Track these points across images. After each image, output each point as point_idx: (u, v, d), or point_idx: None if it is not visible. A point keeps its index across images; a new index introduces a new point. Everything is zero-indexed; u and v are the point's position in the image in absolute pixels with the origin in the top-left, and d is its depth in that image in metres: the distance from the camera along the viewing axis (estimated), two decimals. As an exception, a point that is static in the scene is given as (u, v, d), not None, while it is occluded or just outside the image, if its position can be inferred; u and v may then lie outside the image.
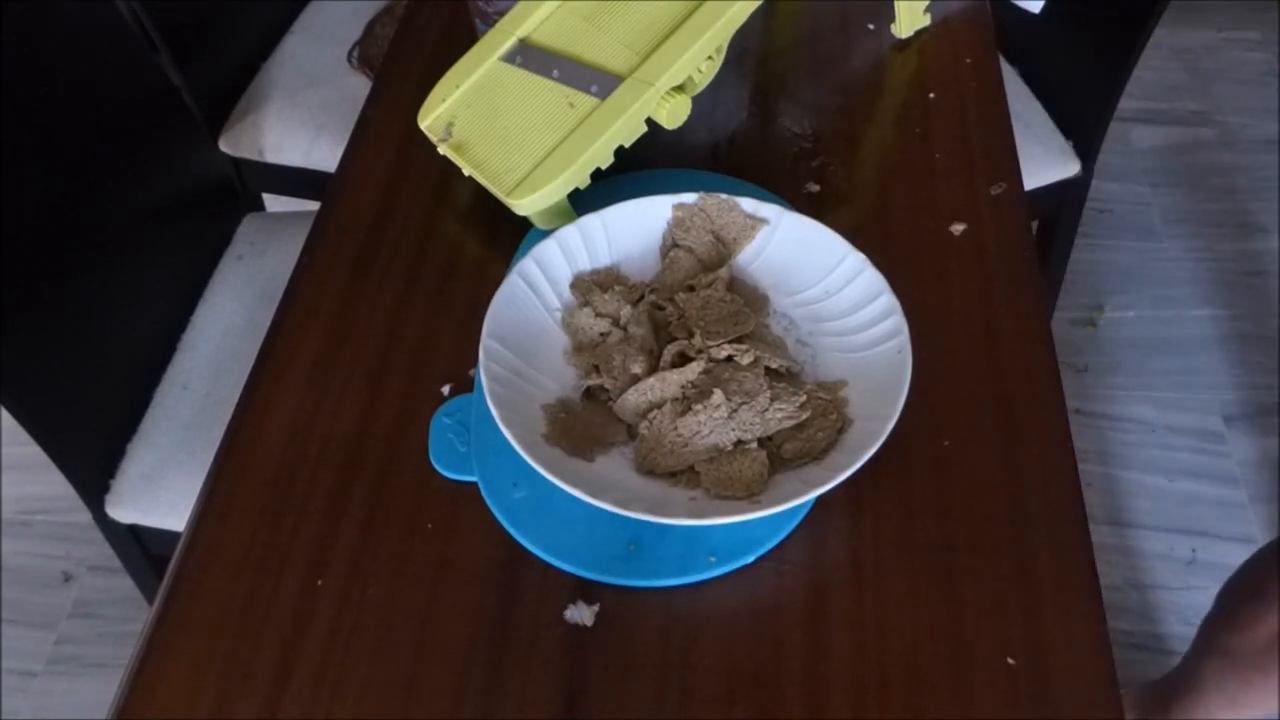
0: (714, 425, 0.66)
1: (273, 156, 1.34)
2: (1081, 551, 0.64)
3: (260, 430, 0.72)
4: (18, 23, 0.94)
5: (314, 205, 0.88)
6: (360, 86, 1.34)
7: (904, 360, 0.67)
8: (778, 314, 0.75)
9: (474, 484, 0.68)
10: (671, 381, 0.68)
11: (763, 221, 0.77)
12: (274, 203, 1.48)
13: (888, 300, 0.70)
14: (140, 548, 1.10)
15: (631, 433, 0.69)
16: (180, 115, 1.21)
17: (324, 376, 0.75)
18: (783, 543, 0.64)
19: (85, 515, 1.06)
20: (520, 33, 0.86)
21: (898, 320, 0.69)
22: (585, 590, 0.63)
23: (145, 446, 1.06)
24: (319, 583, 0.64)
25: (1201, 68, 2.14)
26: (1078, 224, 1.46)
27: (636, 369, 0.70)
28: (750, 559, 0.64)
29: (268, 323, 0.78)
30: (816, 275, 0.75)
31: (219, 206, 1.27)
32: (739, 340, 0.70)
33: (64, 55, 1.01)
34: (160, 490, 1.03)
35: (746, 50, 0.98)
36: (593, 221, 0.76)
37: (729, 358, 0.69)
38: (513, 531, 0.65)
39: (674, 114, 0.80)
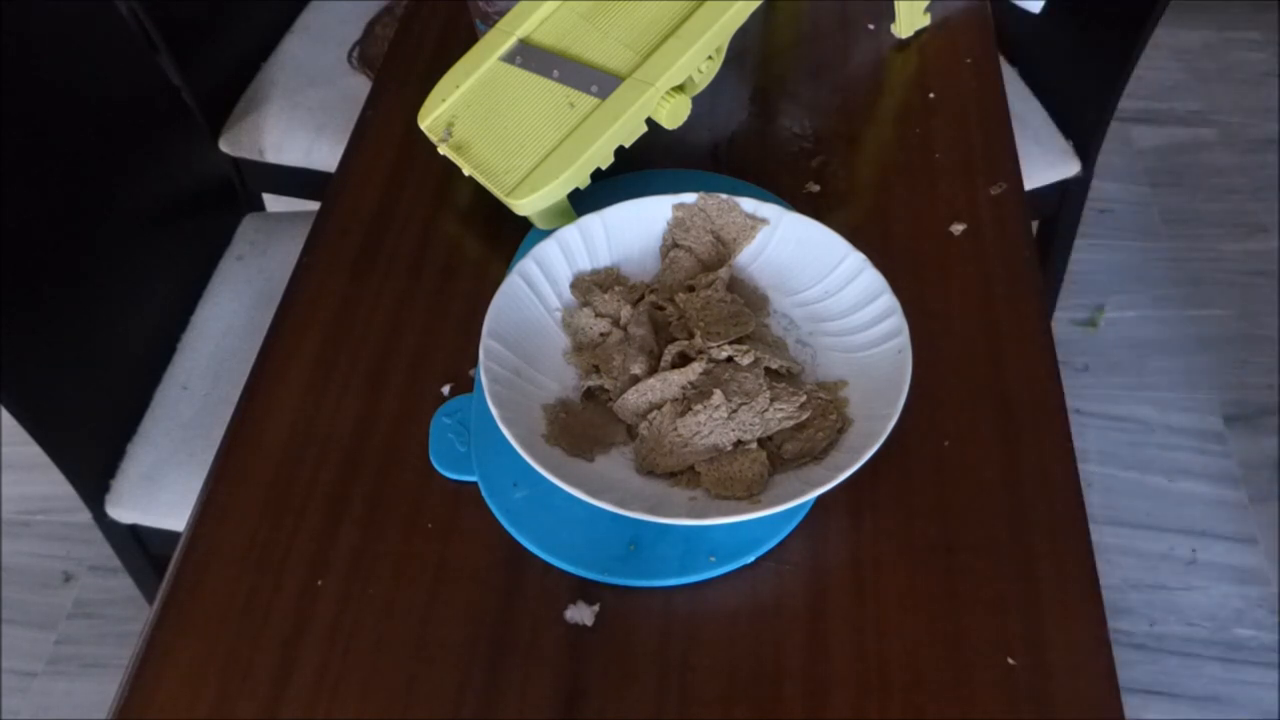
0: (714, 425, 0.66)
1: (273, 156, 1.34)
2: (1081, 551, 0.64)
3: (260, 430, 0.72)
4: (17, 23, 0.94)
5: (314, 205, 0.88)
6: (360, 86, 1.34)
7: (904, 360, 0.67)
8: (778, 314, 0.75)
9: (474, 484, 0.68)
10: (672, 382, 0.68)
11: (763, 221, 0.77)
12: (274, 203, 1.48)
13: (888, 300, 0.70)
14: (140, 548, 1.10)
15: (631, 433, 0.69)
16: (180, 115, 1.21)
17: (324, 376, 0.75)
18: (783, 543, 0.64)
19: (85, 515, 1.06)
20: (520, 33, 0.86)
21: (898, 320, 0.69)
22: (585, 590, 0.63)
23: (145, 446, 1.06)
24: (319, 583, 0.64)
25: (1201, 68, 2.14)
26: (1078, 224, 1.46)
27: (636, 369, 0.70)
28: (750, 559, 0.64)
29: (268, 323, 0.78)
30: (816, 275, 0.75)
31: (219, 206, 1.27)
32: (739, 341, 0.70)
33: (64, 55, 1.01)
34: (160, 490, 1.03)
35: (746, 50, 0.98)
36: (593, 221, 0.76)
37: (729, 358, 0.69)
38: (513, 531, 0.65)
39: (674, 114, 0.80)
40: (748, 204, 0.77)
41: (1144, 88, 2.08)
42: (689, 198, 0.77)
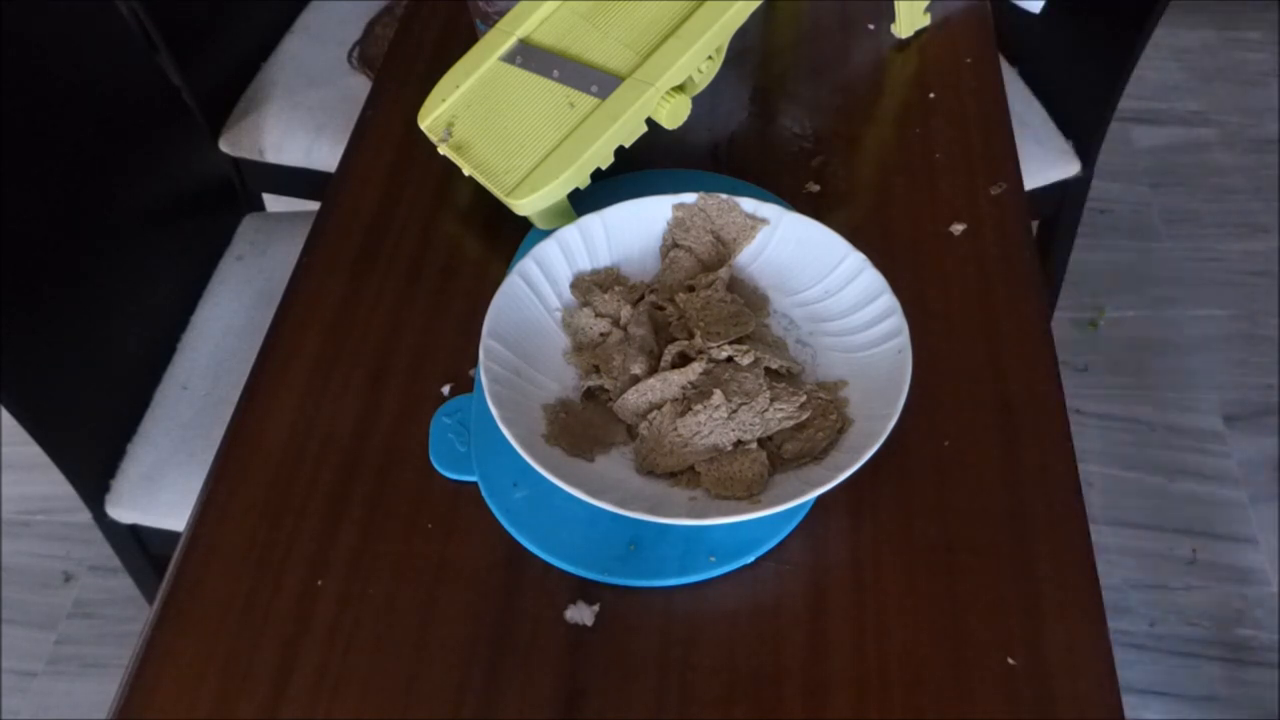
0: (714, 425, 0.66)
1: (273, 156, 1.34)
2: (1081, 551, 0.64)
3: (260, 430, 0.72)
4: (17, 23, 0.94)
5: (314, 205, 0.88)
6: (360, 86, 1.34)
7: (904, 360, 0.67)
8: (778, 314, 0.75)
9: (474, 484, 0.68)
10: (672, 382, 0.68)
11: (763, 222, 0.77)
12: (274, 203, 1.48)
13: (888, 300, 0.70)
14: (140, 548, 1.10)
15: (632, 433, 0.69)
16: (180, 115, 1.21)
17: (324, 376, 0.75)
18: (783, 543, 0.64)
19: (85, 515, 1.06)
20: (520, 33, 0.86)
21: (898, 320, 0.69)
22: (585, 590, 0.63)
23: (145, 446, 1.06)
24: (319, 583, 0.64)
25: (1201, 68, 2.14)
26: (1078, 224, 1.46)
27: (636, 369, 0.70)
28: (750, 559, 0.64)
29: (268, 323, 0.78)
30: (817, 275, 0.75)
31: (219, 206, 1.27)
32: (739, 341, 0.70)
33: (64, 55, 1.01)
34: (160, 490, 1.04)
35: (746, 50, 0.98)
36: (593, 221, 0.76)
37: (729, 358, 0.69)
38: (513, 531, 0.65)
39: (674, 114, 0.80)
40: (748, 204, 0.77)
41: (1144, 88, 2.08)
42: (689, 198, 0.77)
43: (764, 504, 0.62)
